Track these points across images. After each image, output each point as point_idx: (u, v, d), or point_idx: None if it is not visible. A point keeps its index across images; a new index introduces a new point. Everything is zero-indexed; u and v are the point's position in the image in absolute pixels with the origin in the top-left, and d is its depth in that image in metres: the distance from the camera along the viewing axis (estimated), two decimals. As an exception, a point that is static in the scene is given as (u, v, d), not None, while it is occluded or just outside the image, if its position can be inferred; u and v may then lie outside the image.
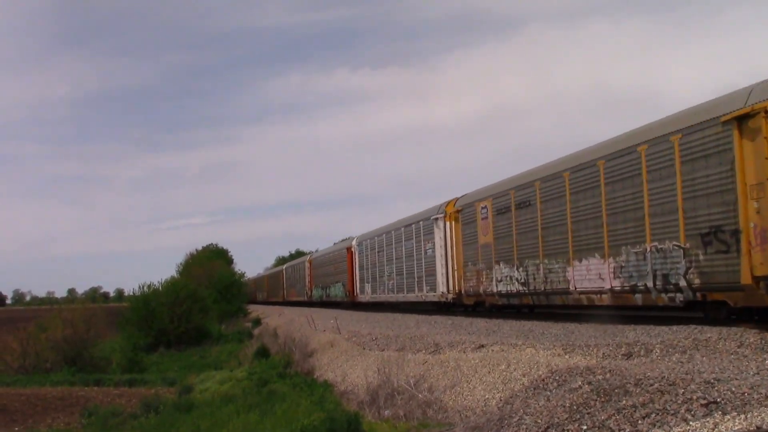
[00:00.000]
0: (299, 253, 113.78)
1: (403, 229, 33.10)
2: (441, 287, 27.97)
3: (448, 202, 27.79)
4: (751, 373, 8.91)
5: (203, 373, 25.19)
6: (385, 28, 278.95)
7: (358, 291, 41.62)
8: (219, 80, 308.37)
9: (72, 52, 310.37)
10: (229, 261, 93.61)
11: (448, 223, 27.33)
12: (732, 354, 10.71)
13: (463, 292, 25.87)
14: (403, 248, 32.67)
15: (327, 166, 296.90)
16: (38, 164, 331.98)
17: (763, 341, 11.10)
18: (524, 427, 9.74)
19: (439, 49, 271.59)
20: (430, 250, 29.01)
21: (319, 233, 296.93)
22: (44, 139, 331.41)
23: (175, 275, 67.66)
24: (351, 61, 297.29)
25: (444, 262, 27.63)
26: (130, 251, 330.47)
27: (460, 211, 26.25)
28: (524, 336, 16.41)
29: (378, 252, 37.64)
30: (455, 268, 26.60)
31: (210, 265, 71.26)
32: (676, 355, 11.28)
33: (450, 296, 27.40)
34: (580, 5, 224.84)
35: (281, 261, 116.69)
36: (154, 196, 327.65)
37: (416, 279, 30.99)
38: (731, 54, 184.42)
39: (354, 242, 42.87)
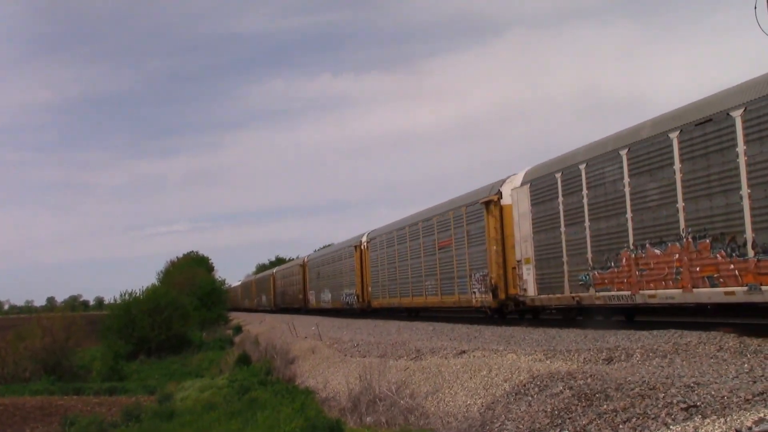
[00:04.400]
0: (280, 260, 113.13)
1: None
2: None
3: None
4: (731, 376, 8.97)
5: (184, 381, 25.05)
6: (369, 33, 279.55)
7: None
8: (202, 86, 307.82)
9: (53, 57, 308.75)
10: (210, 268, 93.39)
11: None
12: (712, 358, 10.78)
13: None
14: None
15: (310, 172, 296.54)
16: (19, 171, 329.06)
17: (742, 345, 11.19)
18: (506, 432, 9.77)
19: (423, 54, 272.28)
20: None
21: (301, 240, 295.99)
22: (25, 146, 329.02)
23: (156, 283, 67.43)
24: (334, 67, 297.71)
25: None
26: (111, 259, 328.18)
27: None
28: (505, 342, 16.45)
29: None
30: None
31: (191, 272, 70.97)
32: (657, 359, 11.34)
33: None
34: (564, 8, 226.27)
35: (262, 268, 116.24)
36: (136, 203, 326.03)
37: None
38: (717, 57, 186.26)
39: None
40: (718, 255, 13.43)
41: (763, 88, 12.52)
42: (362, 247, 38.75)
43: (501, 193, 22.33)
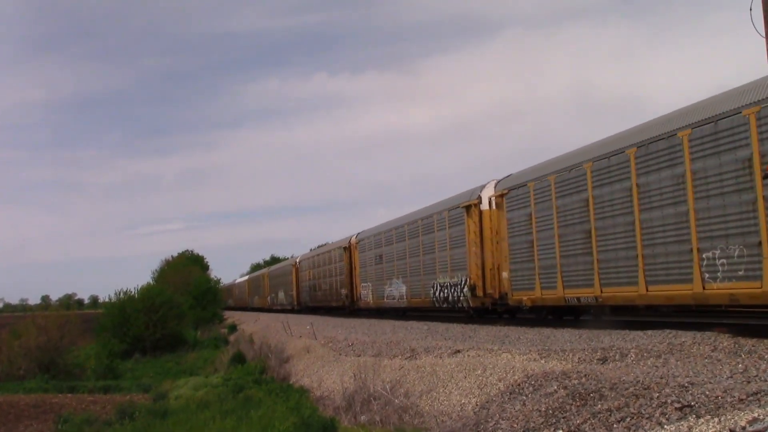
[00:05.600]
0: (275, 260, 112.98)
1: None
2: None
3: None
4: (725, 376, 8.99)
5: (179, 380, 25.02)
6: (364, 33, 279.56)
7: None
8: (196, 85, 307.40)
9: (47, 56, 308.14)
10: (205, 267, 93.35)
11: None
12: (706, 358, 10.80)
13: None
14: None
15: (305, 171, 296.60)
16: (13, 170, 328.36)
17: (737, 345, 11.21)
18: (500, 431, 9.76)
19: (418, 54, 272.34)
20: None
21: (295, 239, 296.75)
22: (19, 145, 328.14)
23: (151, 281, 67.42)
24: (329, 66, 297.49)
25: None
26: (105, 258, 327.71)
27: None
28: (500, 341, 16.45)
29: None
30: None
31: (186, 271, 70.95)
32: (651, 359, 11.36)
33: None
34: (560, 8, 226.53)
35: (256, 267, 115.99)
36: (130, 202, 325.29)
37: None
38: (715, 58, 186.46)
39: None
40: None
41: None
42: (484, 206, 24.26)
43: None
